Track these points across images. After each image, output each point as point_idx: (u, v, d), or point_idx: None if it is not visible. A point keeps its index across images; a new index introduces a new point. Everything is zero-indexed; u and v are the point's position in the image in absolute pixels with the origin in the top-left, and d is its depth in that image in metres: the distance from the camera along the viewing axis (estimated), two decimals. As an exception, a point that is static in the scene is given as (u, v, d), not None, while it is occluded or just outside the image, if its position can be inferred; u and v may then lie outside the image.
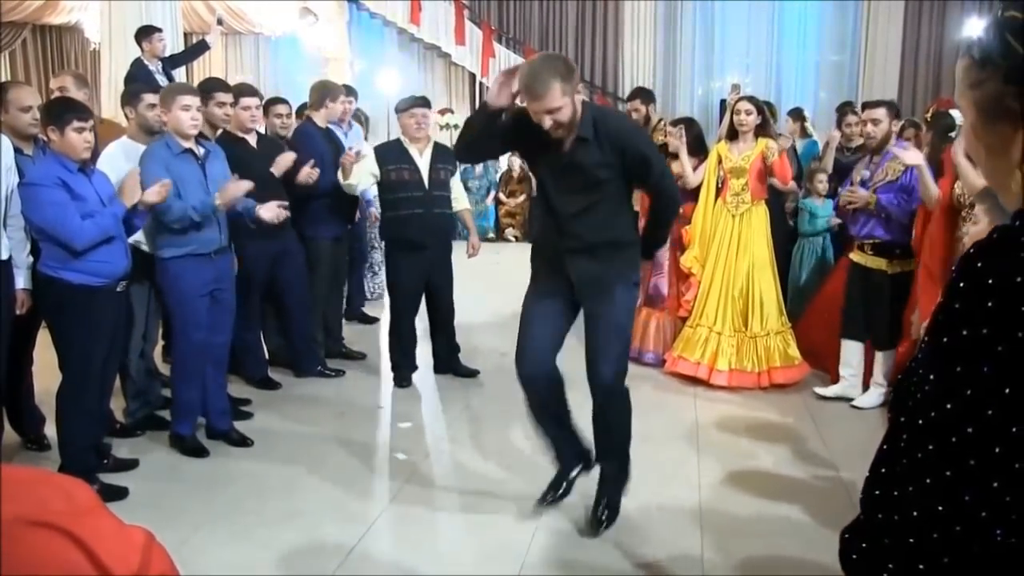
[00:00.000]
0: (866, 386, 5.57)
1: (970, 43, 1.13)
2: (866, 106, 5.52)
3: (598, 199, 3.61)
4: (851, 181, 5.47)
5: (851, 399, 5.56)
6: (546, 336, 3.77)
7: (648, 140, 4.05)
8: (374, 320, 7.51)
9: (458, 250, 6.04)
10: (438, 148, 5.83)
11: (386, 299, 6.33)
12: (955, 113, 7.20)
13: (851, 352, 5.60)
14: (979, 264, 1.04)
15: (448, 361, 6.13)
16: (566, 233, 3.66)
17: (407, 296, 5.83)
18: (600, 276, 3.67)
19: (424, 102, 5.85)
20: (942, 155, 5.30)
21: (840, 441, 4.97)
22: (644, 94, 7.56)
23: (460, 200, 6.02)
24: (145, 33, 7.77)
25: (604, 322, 3.69)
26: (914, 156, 4.92)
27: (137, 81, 6.60)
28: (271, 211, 4.93)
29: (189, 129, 4.48)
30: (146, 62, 7.66)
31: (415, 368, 6.05)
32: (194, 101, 4.51)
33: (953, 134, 6.33)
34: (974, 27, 13.70)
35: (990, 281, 1.01)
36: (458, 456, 4.76)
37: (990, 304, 1.01)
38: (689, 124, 6.61)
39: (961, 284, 1.04)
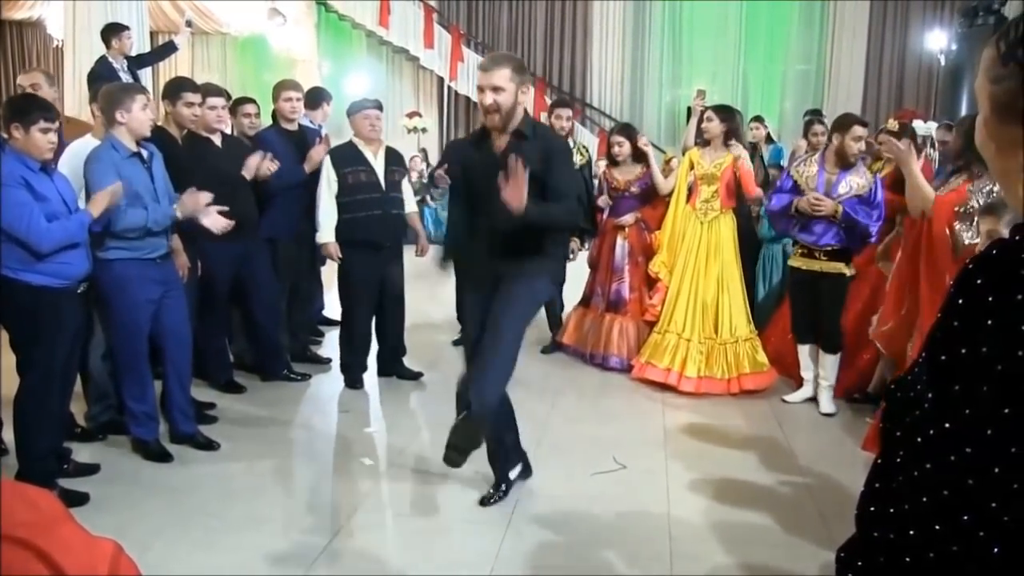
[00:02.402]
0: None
1: (1000, 32, 1.09)
2: (856, 123, 5.40)
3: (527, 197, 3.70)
4: (791, 180, 5.45)
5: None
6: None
7: (570, 167, 4.20)
8: (336, 323, 7.40)
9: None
10: (390, 151, 5.86)
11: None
12: (917, 124, 7.27)
13: (808, 355, 5.67)
14: (978, 281, 1.01)
15: (391, 363, 6.09)
16: (497, 232, 3.75)
17: (362, 297, 5.80)
18: (522, 264, 3.81)
19: (377, 104, 5.82)
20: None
21: (807, 447, 5.00)
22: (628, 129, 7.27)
23: (409, 203, 6.02)
24: (114, 30, 7.66)
25: (507, 299, 3.80)
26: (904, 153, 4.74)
27: (101, 79, 6.50)
28: (212, 219, 4.69)
29: (147, 130, 4.40)
30: (111, 60, 7.55)
31: (365, 369, 6.01)
32: (148, 100, 4.44)
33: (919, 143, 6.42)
34: (936, 39, 13.91)
35: (990, 299, 0.99)
36: (425, 460, 4.71)
37: (989, 323, 0.98)
38: (628, 130, 6.60)
39: (960, 301, 1.02)
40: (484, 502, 4.12)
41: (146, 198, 4.35)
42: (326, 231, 5.66)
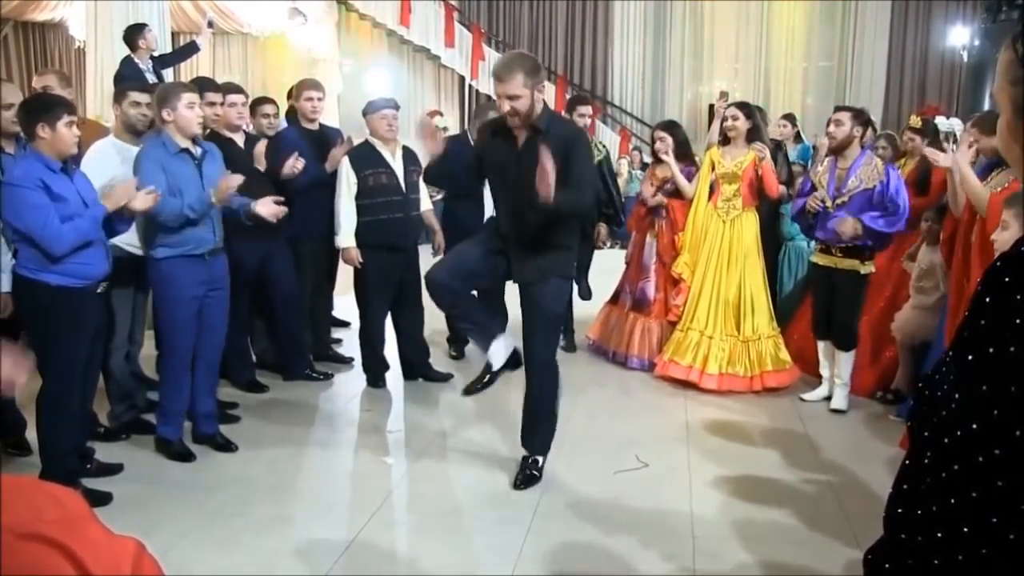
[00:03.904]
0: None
1: (1016, 34, 1.08)
2: (835, 110, 5.57)
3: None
4: (823, 200, 5.37)
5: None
6: (465, 269, 4.16)
7: (587, 153, 4.26)
8: (345, 324, 7.29)
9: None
10: (406, 150, 5.81)
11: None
12: (940, 120, 7.22)
13: (827, 353, 5.64)
14: (1006, 279, 1.00)
15: (418, 366, 6.05)
16: (515, 223, 4.08)
17: (380, 299, 5.78)
18: (538, 267, 4.11)
19: (394, 103, 5.78)
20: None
21: (830, 444, 4.97)
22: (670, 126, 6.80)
23: (424, 201, 5.99)
24: (137, 31, 7.69)
25: (536, 308, 4.13)
26: (946, 159, 4.72)
27: (127, 80, 6.53)
28: (268, 207, 4.77)
29: (195, 127, 4.45)
30: (137, 61, 7.58)
31: (387, 367, 6.00)
32: (196, 98, 4.49)
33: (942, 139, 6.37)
34: (959, 35, 13.81)
35: (1018, 297, 0.97)
36: (446, 459, 4.73)
37: (1018, 321, 0.97)
38: (672, 127, 6.57)
39: (987, 299, 1.00)
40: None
41: (190, 194, 4.38)
42: (346, 235, 5.62)
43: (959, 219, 4.68)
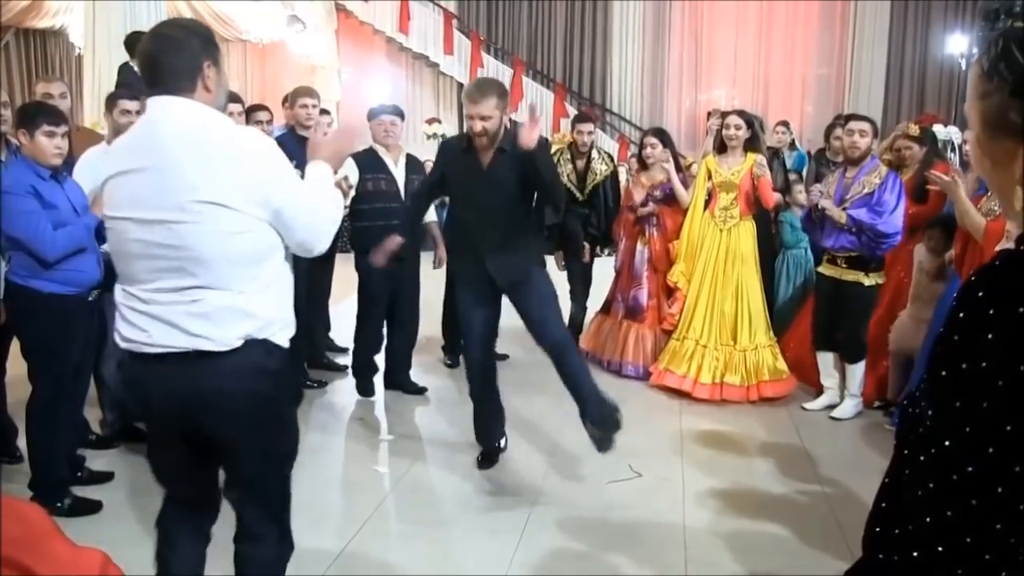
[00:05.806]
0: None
1: (981, 51, 1.08)
2: (853, 118, 5.50)
3: (509, 206, 4.29)
4: (821, 191, 5.34)
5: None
6: (486, 334, 4.50)
7: (547, 154, 4.54)
8: (343, 350, 7.22)
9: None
10: (410, 158, 5.82)
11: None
12: (937, 128, 7.21)
13: (829, 363, 5.62)
14: (980, 294, 0.98)
15: (397, 377, 6.02)
16: (485, 235, 4.30)
17: (376, 305, 5.77)
18: (515, 262, 4.32)
19: (394, 110, 5.78)
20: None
21: (825, 454, 4.95)
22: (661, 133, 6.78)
23: (428, 211, 5.96)
24: (139, 39, 7.68)
25: (533, 296, 4.32)
26: (945, 183, 4.65)
27: (127, 87, 6.51)
28: None
29: None
30: (135, 67, 7.58)
31: (377, 370, 5.99)
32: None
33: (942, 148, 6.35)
34: (958, 43, 13.83)
35: (991, 312, 0.96)
36: (438, 468, 4.71)
37: (990, 336, 0.95)
38: (661, 134, 6.55)
39: (961, 314, 0.99)
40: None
41: None
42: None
43: (968, 236, 4.65)
